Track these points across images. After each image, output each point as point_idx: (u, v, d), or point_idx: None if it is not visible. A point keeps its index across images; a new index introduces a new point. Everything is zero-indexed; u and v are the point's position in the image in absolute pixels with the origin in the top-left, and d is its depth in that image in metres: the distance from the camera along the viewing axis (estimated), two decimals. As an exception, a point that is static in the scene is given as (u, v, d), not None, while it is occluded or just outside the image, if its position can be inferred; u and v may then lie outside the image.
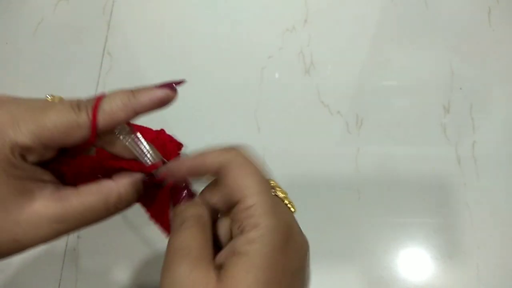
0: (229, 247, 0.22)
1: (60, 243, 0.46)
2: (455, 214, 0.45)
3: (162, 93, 0.24)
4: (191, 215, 0.23)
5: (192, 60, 0.55)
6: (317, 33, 0.55)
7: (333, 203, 0.46)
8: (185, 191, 0.26)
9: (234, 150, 0.23)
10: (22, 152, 0.21)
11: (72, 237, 0.46)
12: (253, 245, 0.20)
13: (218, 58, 0.55)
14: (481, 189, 0.46)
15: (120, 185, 0.24)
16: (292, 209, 0.24)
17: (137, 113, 0.24)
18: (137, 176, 0.25)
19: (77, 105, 0.22)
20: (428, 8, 0.55)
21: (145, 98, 0.23)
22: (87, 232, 0.47)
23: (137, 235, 0.46)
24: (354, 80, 0.52)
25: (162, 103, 0.24)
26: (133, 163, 0.26)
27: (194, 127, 0.51)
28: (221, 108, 0.52)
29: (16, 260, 0.46)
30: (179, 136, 0.49)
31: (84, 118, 0.22)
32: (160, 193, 0.27)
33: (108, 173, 0.25)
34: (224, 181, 0.22)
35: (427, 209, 0.45)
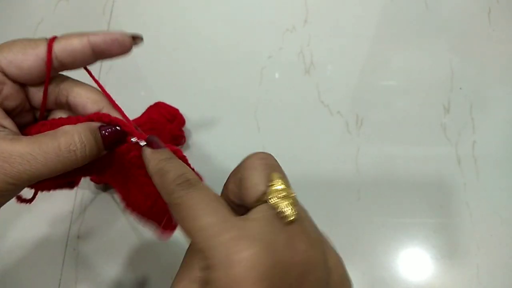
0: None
1: (60, 243, 0.46)
2: (455, 214, 0.45)
3: (117, 35, 0.24)
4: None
5: (192, 60, 0.55)
6: (317, 33, 0.55)
7: (333, 203, 0.46)
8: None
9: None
10: None
11: (72, 237, 0.46)
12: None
13: (218, 58, 0.55)
14: (481, 189, 0.46)
15: (75, 129, 0.22)
16: (290, 218, 0.19)
17: (92, 45, 0.24)
18: (94, 123, 0.24)
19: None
20: (428, 8, 0.55)
21: (100, 34, 0.24)
22: (87, 232, 0.47)
23: (137, 235, 0.46)
24: (354, 80, 0.52)
25: (117, 45, 0.24)
26: (96, 115, 0.24)
27: (194, 127, 0.51)
28: (221, 108, 0.52)
29: (16, 260, 0.46)
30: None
31: (41, 41, 0.24)
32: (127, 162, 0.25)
33: None
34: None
35: (427, 209, 0.45)
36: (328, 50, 0.54)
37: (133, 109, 0.31)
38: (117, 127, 0.24)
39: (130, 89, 0.54)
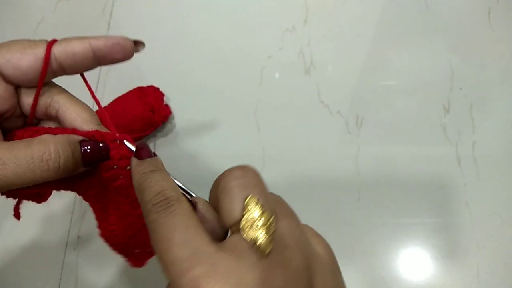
0: None
1: (60, 244, 0.46)
2: (455, 214, 0.45)
3: (119, 39, 0.24)
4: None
5: (192, 60, 0.55)
6: (317, 33, 0.55)
7: (333, 204, 0.46)
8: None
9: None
10: None
11: (72, 237, 0.46)
12: None
13: (218, 58, 0.55)
14: (481, 189, 0.46)
15: (53, 139, 0.21)
16: (265, 251, 0.18)
17: (93, 49, 0.23)
18: (76, 136, 0.22)
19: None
20: (428, 8, 0.55)
21: (101, 38, 0.24)
22: (87, 232, 0.47)
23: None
24: (354, 80, 0.52)
25: (119, 49, 0.24)
26: (79, 131, 0.23)
27: (194, 128, 0.51)
28: (221, 109, 0.52)
29: (17, 260, 0.46)
30: (178, 137, 0.49)
31: (41, 42, 0.23)
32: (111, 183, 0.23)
33: None
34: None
35: (427, 209, 0.45)
36: (328, 50, 0.54)
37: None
38: (100, 143, 0.22)
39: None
